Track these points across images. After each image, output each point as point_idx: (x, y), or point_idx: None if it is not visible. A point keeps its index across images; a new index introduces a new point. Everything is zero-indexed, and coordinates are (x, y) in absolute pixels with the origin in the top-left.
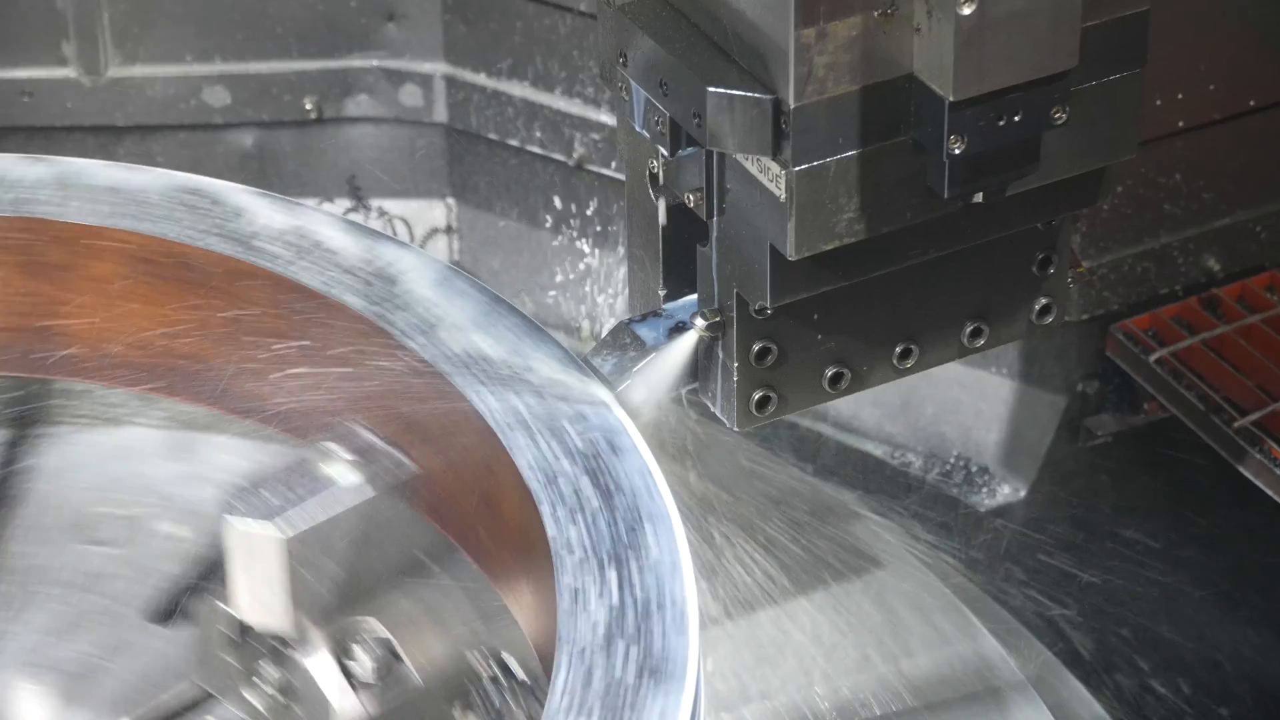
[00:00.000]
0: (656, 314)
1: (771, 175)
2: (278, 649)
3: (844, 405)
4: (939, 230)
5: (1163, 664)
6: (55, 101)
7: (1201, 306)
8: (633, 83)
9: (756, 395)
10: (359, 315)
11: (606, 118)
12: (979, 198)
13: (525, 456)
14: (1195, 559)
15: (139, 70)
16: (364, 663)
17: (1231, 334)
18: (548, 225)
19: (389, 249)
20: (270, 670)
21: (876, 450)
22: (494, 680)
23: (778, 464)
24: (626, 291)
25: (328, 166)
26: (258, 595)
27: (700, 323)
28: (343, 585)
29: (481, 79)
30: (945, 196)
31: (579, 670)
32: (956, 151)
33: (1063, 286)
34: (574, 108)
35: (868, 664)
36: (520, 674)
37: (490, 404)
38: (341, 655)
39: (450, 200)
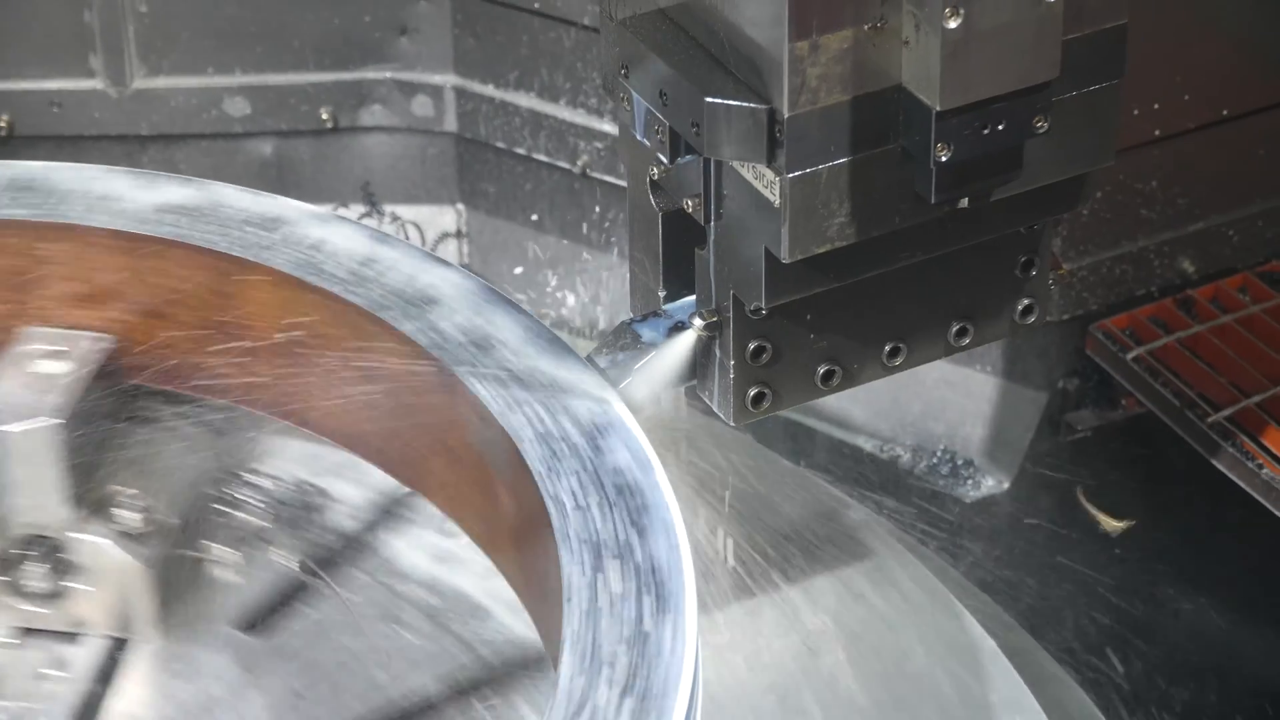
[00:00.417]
0: (657, 314)
1: (766, 181)
2: (41, 544)
3: (836, 401)
4: (926, 234)
5: (1136, 644)
6: (83, 112)
7: (1177, 307)
8: (634, 93)
9: (752, 392)
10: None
11: (609, 127)
12: (964, 203)
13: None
14: (1170, 547)
15: (162, 82)
16: (131, 518)
17: (1205, 333)
18: (553, 229)
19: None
20: (35, 569)
21: (867, 444)
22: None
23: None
24: (628, 292)
25: (343, 173)
26: (38, 490)
27: (698, 322)
28: (85, 461)
29: (490, 90)
30: (932, 202)
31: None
32: (943, 159)
33: (1044, 288)
34: (578, 118)
35: (852, 648)
36: None
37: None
38: (109, 521)
39: (460, 206)
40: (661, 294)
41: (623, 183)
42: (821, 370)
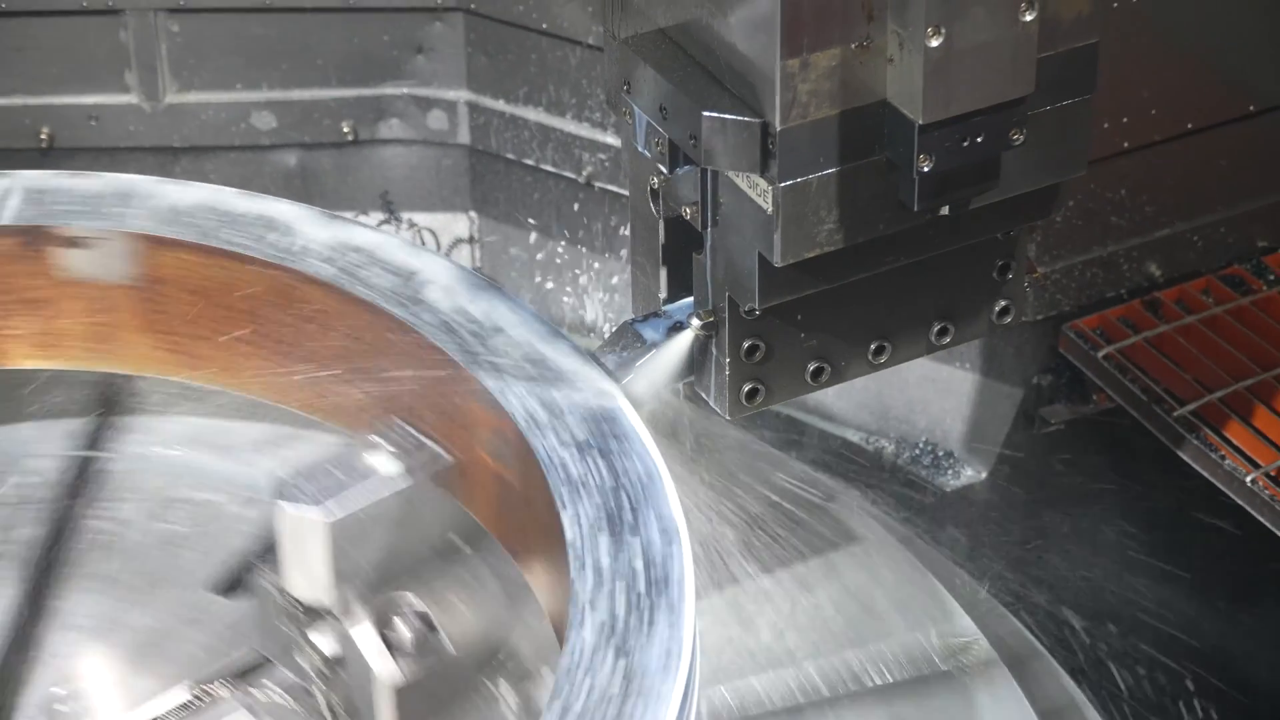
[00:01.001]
0: (657, 315)
1: (759, 190)
2: (325, 620)
3: (824, 396)
4: (909, 240)
5: (1108, 622)
6: (119, 125)
7: (1144, 308)
8: (635, 108)
9: (746, 387)
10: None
11: (612, 139)
12: (945, 211)
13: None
14: (1138, 533)
15: (194, 97)
16: (402, 633)
17: (1171, 333)
18: (559, 235)
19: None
20: (319, 639)
21: (854, 436)
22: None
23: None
24: (630, 294)
25: (363, 183)
26: (305, 573)
27: (696, 323)
28: (383, 564)
29: (500, 105)
30: (915, 209)
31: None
32: (925, 169)
33: (1020, 290)
34: (583, 131)
35: (842, 640)
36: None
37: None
38: (382, 626)
39: (472, 213)
40: (661, 296)
41: (625, 191)
42: (811, 367)
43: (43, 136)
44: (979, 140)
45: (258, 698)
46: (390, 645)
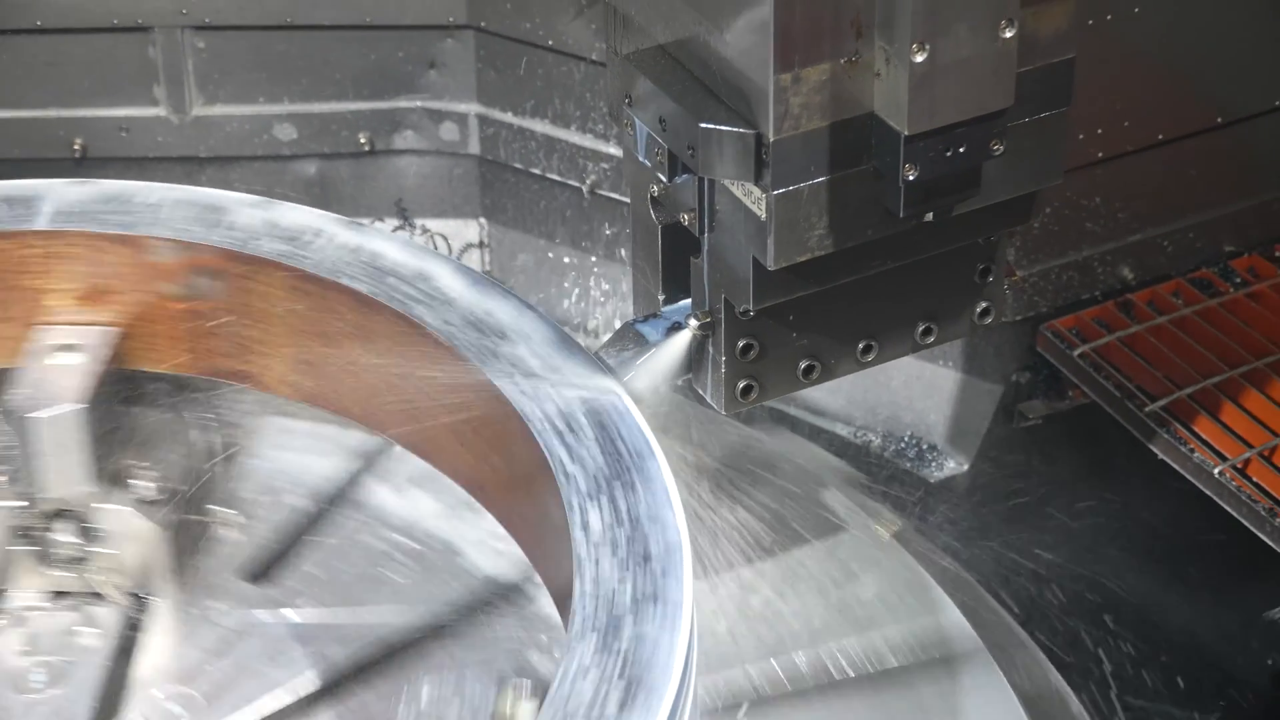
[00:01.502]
0: (656, 316)
1: (754, 198)
2: (67, 515)
3: (815, 393)
4: (895, 244)
5: (1082, 606)
6: (148, 136)
7: (1117, 309)
8: (636, 120)
9: (741, 384)
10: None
11: (614, 150)
12: (929, 217)
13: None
14: (1111, 522)
15: (219, 110)
16: (146, 488)
17: (1143, 332)
18: (564, 240)
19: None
20: (61, 537)
21: (842, 431)
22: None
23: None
24: (631, 296)
25: (379, 191)
26: (65, 468)
27: (693, 323)
28: (101, 439)
29: (509, 117)
30: (901, 216)
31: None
32: (910, 178)
33: (1000, 292)
34: (587, 142)
35: (831, 630)
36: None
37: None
38: (127, 491)
39: (482, 220)
40: (660, 298)
41: (626, 199)
42: (803, 365)
43: (76, 147)
44: (961, 150)
45: (32, 625)
46: (140, 503)
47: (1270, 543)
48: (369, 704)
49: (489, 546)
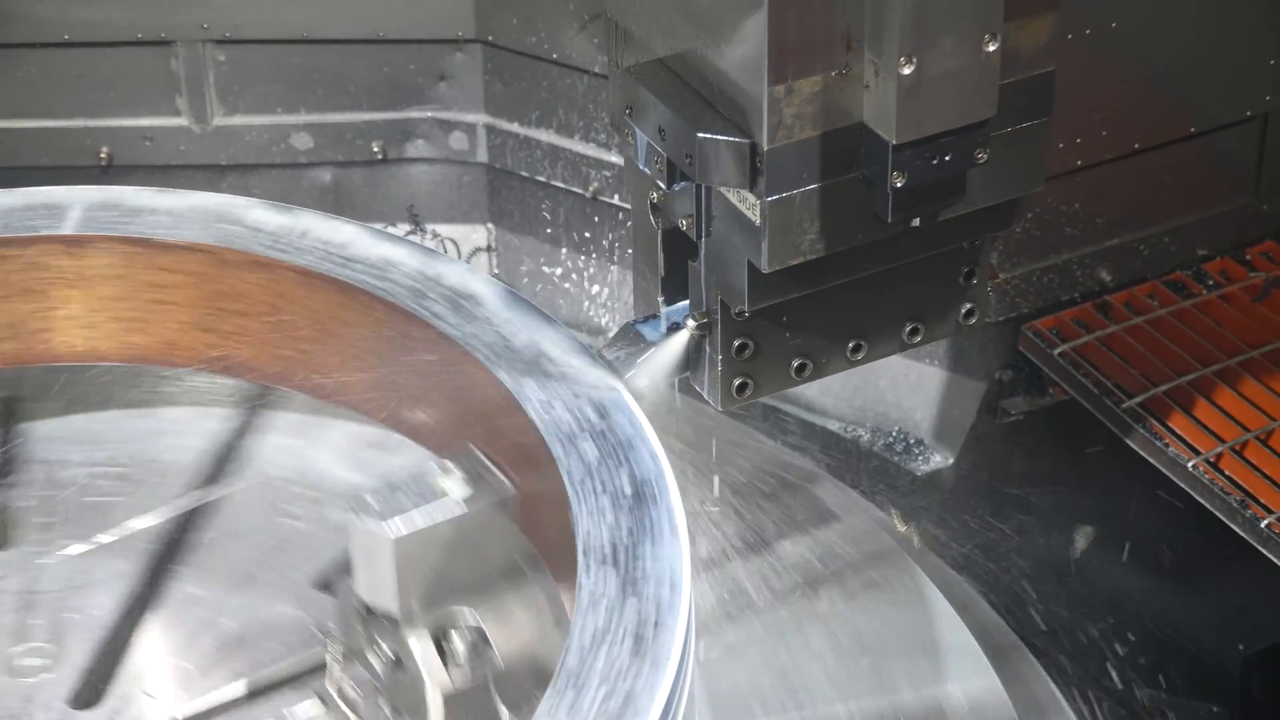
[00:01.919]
0: (656, 316)
1: (749, 204)
2: (389, 627)
3: (807, 390)
4: (884, 248)
5: (1061, 592)
6: (171, 144)
7: (1095, 310)
8: (637, 130)
9: (736, 382)
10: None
11: (616, 158)
12: (916, 222)
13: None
14: (1090, 514)
15: (239, 119)
16: (458, 645)
17: (1120, 332)
18: (568, 244)
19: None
20: (384, 643)
21: (833, 426)
22: None
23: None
24: (632, 297)
25: (392, 198)
26: (373, 582)
27: (691, 323)
28: (443, 580)
29: (515, 127)
30: (889, 221)
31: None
32: (898, 185)
33: (983, 294)
34: (590, 150)
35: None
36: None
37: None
38: (440, 637)
39: (490, 225)
40: (660, 299)
41: (627, 205)
42: (795, 364)
43: (102, 155)
44: (947, 158)
45: (332, 691)
46: (445, 655)
47: (1242, 533)
48: None
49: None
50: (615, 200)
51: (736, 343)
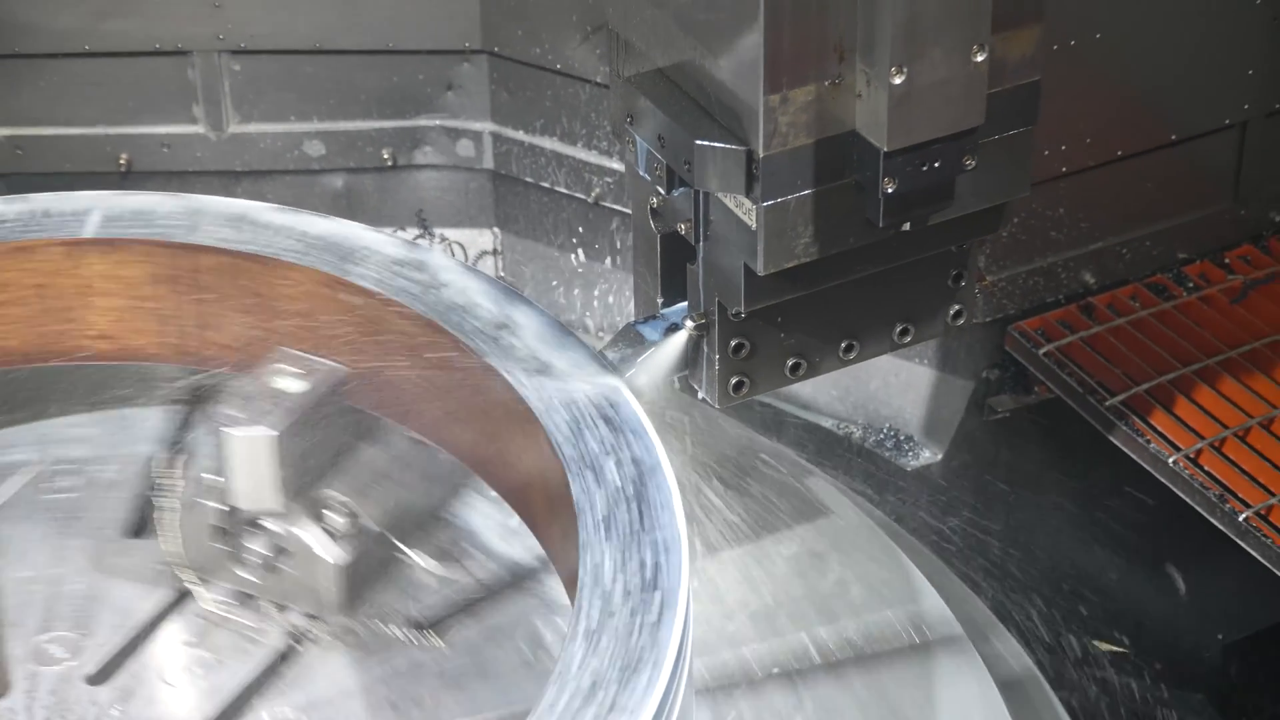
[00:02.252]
0: (656, 317)
1: (745, 209)
2: (262, 527)
3: (801, 388)
4: (875, 252)
5: (1045, 582)
6: (187, 151)
7: (1080, 311)
8: (637, 138)
9: (733, 380)
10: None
11: (617, 165)
12: (906, 227)
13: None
14: (1074, 508)
15: (253, 127)
16: (336, 521)
17: (1103, 333)
18: (571, 248)
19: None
20: (255, 546)
21: (827, 423)
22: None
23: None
24: (632, 299)
25: (401, 203)
26: (254, 486)
27: (690, 324)
28: (309, 468)
29: (520, 135)
30: (880, 226)
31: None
32: (889, 190)
33: (971, 296)
34: (592, 157)
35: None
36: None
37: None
38: (318, 519)
39: (496, 229)
40: (659, 301)
41: (628, 210)
42: (790, 363)
43: (121, 161)
44: (936, 165)
45: (209, 616)
46: (328, 533)
47: (1220, 526)
48: None
49: None
50: (616, 205)
51: (733, 343)
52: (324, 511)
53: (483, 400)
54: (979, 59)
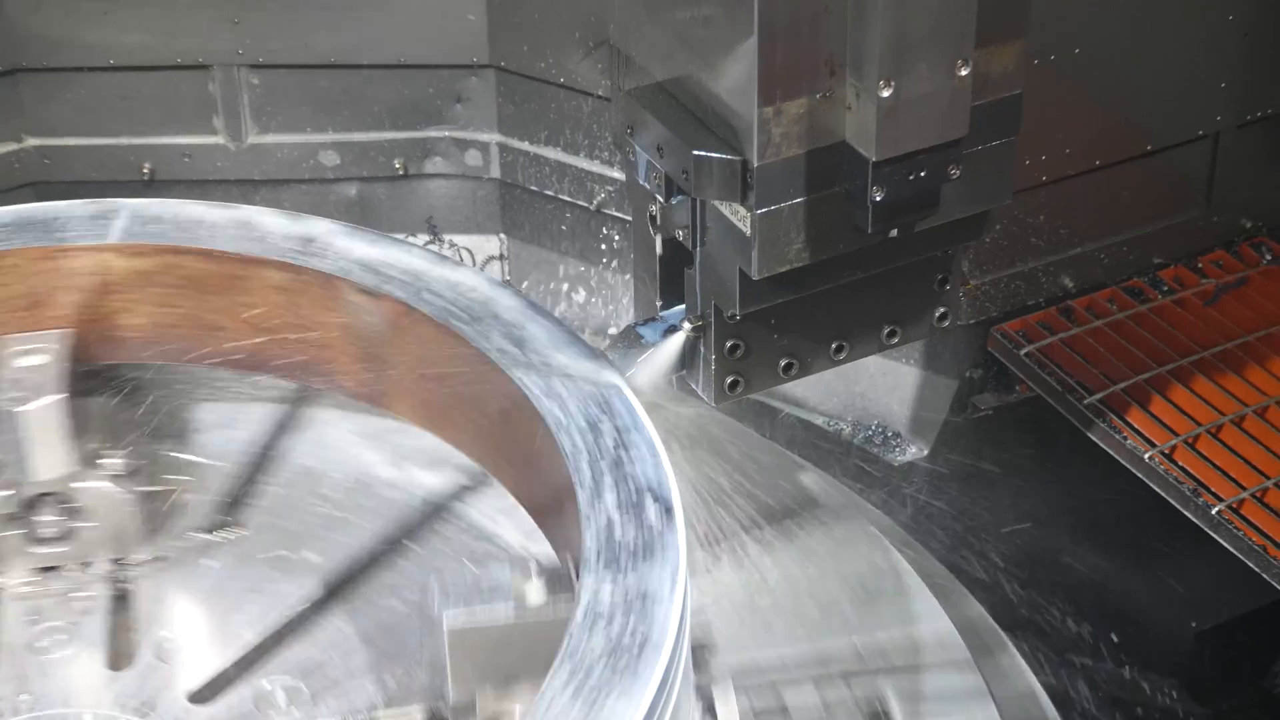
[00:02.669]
0: (655, 319)
1: (740, 216)
2: (49, 498)
3: (793, 388)
4: (864, 257)
5: (1026, 571)
6: (208, 161)
7: (1059, 314)
8: (637, 148)
9: (729, 379)
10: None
11: (618, 174)
12: (894, 233)
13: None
14: (1054, 502)
15: (271, 138)
16: (115, 465)
17: (1082, 334)
18: (574, 253)
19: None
20: (49, 516)
21: (818, 420)
22: None
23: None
24: (633, 302)
25: (412, 211)
26: (50, 454)
27: (687, 326)
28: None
29: (525, 146)
30: (869, 232)
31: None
32: (877, 199)
33: (956, 299)
34: (594, 167)
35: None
36: None
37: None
38: (99, 470)
39: (502, 235)
40: (658, 304)
41: (629, 217)
42: (783, 363)
43: (145, 170)
44: (922, 174)
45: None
46: (111, 479)
47: (1194, 519)
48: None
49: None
50: (617, 213)
51: (728, 344)
52: (99, 462)
53: (486, 392)
54: (963, 73)
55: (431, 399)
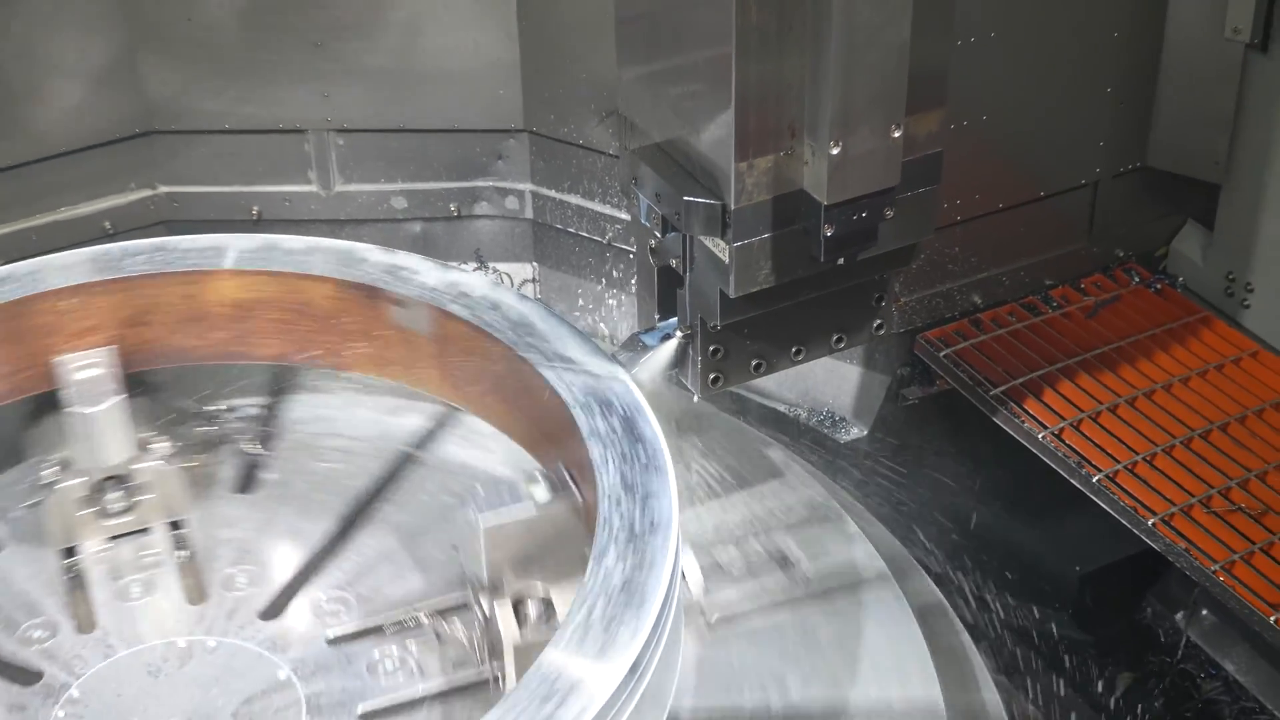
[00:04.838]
0: (654, 329)
1: (720, 248)
2: (113, 479)
3: (762, 382)
4: (818, 280)
5: (944, 530)
6: (303, 205)
7: (970, 324)
8: (640, 195)
9: (711, 376)
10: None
11: (625, 215)
12: (841, 261)
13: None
14: (967, 473)
15: (353, 187)
16: (163, 447)
17: (989, 340)
18: (590, 278)
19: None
20: (114, 495)
21: (781, 408)
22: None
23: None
24: (636, 315)
25: (464, 244)
26: (116, 444)
27: (679, 334)
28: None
29: (553, 193)
30: (821, 260)
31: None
32: (828, 234)
33: (889, 313)
34: (606, 209)
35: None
36: None
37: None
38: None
39: (535, 263)
40: (656, 317)
41: (633, 249)
42: (754, 363)
43: (254, 212)
44: (864, 215)
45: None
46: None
47: (1080, 487)
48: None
49: None
50: (625, 246)
51: (711, 348)
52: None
53: (518, 383)
54: (896, 135)
55: (479, 387)
